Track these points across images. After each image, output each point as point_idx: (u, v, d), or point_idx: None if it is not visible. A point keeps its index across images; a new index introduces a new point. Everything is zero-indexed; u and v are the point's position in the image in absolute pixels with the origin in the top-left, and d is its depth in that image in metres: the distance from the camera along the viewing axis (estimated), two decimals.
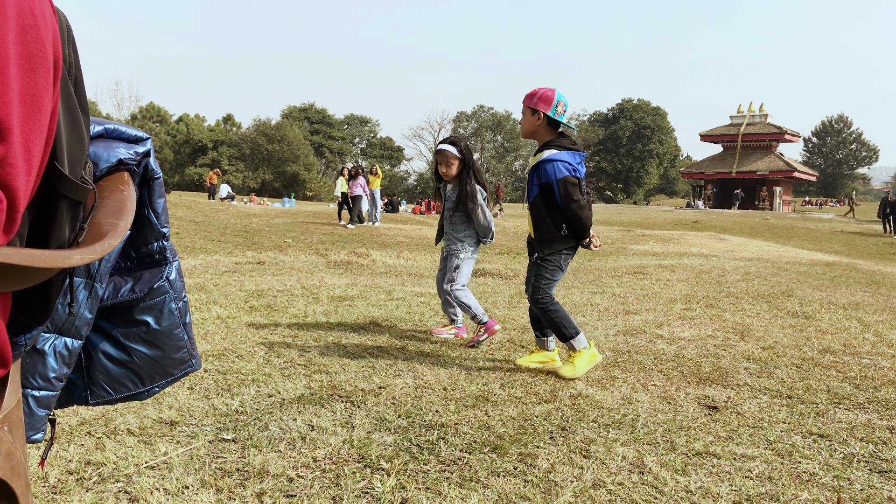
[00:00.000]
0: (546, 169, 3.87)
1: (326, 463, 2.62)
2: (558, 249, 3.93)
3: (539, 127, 3.98)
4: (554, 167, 3.84)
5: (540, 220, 3.93)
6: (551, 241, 3.92)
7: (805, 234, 28.15)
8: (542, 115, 3.94)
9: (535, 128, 4.00)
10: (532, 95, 3.99)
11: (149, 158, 1.19)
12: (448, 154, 4.88)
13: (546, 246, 3.93)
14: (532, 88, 4.04)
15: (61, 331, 1.12)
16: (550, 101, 3.93)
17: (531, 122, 3.99)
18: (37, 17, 0.73)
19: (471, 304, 4.87)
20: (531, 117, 3.99)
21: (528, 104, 4.00)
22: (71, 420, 2.98)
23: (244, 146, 61.65)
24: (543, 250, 3.93)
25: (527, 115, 4.02)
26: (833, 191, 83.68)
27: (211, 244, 13.32)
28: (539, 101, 3.95)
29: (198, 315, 5.54)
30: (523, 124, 4.08)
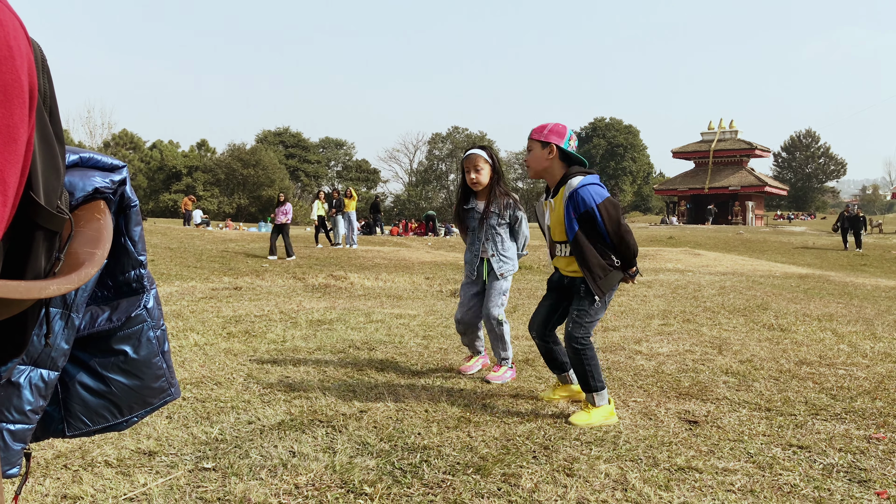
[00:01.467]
0: (582, 196, 3.50)
1: (309, 489, 2.59)
2: (615, 282, 3.57)
3: (551, 161, 3.67)
4: (590, 192, 3.51)
5: (587, 258, 3.51)
6: (607, 277, 3.53)
7: (778, 248, 28.53)
8: (555, 147, 3.65)
9: (547, 163, 3.68)
10: (542, 129, 3.70)
11: (125, 186, 1.19)
12: (477, 158, 4.42)
13: (604, 283, 3.52)
14: (538, 125, 3.76)
15: (37, 362, 1.11)
16: (563, 134, 3.67)
17: (541, 156, 3.67)
18: (12, 48, 0.73)
19: (509, 344, 4.47)
20: (542, 151, 3.67)
21: (537, 138, 3.69)
22: (46, 453, 2.92)
23: (219, 171, 61.36)
24: (602, 289, 3.51)
25: (536, 150, 3.69)
26: (804, 204, 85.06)
27: (187, 270, 13.20)
28: (550, 134, 3.67)
29: (175, 342, 5.47)
30: (533, 162, 3.72)
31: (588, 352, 3.54)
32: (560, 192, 3.64)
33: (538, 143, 3.69)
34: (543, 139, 3.67)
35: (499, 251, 4.47)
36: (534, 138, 3.72)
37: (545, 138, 3.67)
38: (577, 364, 3.56)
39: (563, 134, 3.67)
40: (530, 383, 4.32)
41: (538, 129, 3.73)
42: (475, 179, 4.43)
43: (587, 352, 3.54)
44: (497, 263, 4.46)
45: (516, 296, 9.74)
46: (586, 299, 3.57)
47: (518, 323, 6.97)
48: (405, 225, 39.67)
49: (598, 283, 3.50)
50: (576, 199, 3.53)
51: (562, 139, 3.66)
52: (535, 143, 3.71)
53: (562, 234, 3.65)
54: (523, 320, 7.15)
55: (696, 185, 54.03)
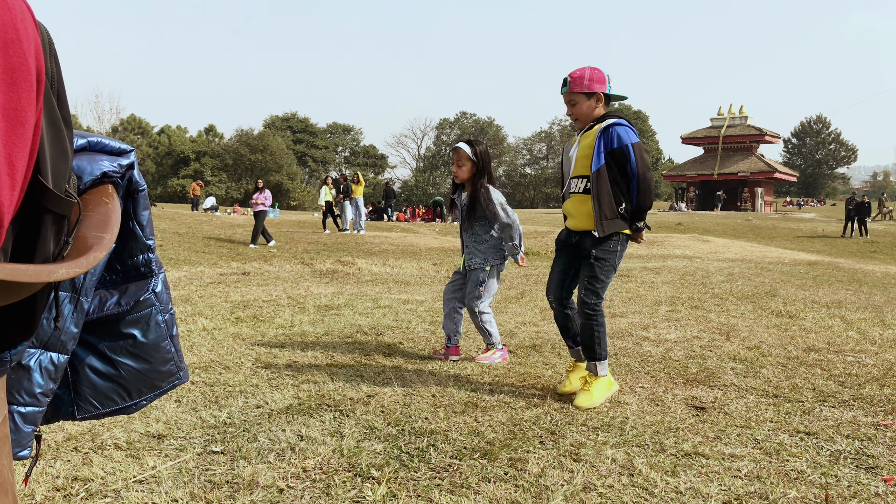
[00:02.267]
0: (619, 133, 3.48)
1: (317, 473, 2.60)
2: (616, 231, 3.54)
3: (598, 110, 3.63)
4: (626, 131, 3.49)
5: (601, 194, 3.50)
6: (611, 220, 3.51)
7: (787, 234, 28.41)
8: (602, 94, 3.60)
9: (597, 111, 3.63)
10: (581, 79, 3.58)
11: (133, 171, 1.19)
12: (461, 153, 4.49)
13: (607, 225, 3.51)
14: (573, 70, 3.63)
15: (47, 346, 1.11)
16: (604, 79, 3.61)
17: (590, 106, 3.61)
18: (19, 31, 0.73)
19: (493, 331, 4.56)
20: (588, 101, 3.60)
21: (580, 90, 3.59)
22: (57, 436, 2.95)
23: (227, 157, 61.41)
24: (604, 228, 3.50)
25: (582, 102, 3.61)
26: (813, 191, 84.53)
27: (195, 255, 13.25)
28: (593, 83, 3.58)
29: (184, 327, 5.50)
30: (580, 112, 3.64)
31: (599, 318, 3.59)
32: (594, 128, 3.59)
33: (583, 95, 3.61)
34: (588, 90, 3.60)
35: (472, 244, 4.54)
36: (577, 91, 3.61)
37: (590, 89, 3.59)
38: (587, 329, 3.60)
39: (604, 79, 3.62)
40: (537, 369, 4.32)
41: (577, 80, 3.60)
42: (455, 173, 4.58)
43: (598, 318, 3.58)
44: (467, 255, 4.58)
45: (523, 282, 9.74)
46: (596, 263, 3.56)
47: (525, 309, 6.98)
48: (413, 211, 39.66)
49: (602, 223, 3.51)
50: (610, 135, 3.50)
51: (604, 84, 3.62)
52: (579, 97, 3.61)
53: (584, 168, 3.61)
54: (530, 306, 7.15)
55: (706, 172, 53.71)
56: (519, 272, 11.18)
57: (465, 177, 4.52)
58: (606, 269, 3.57)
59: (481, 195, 4.44)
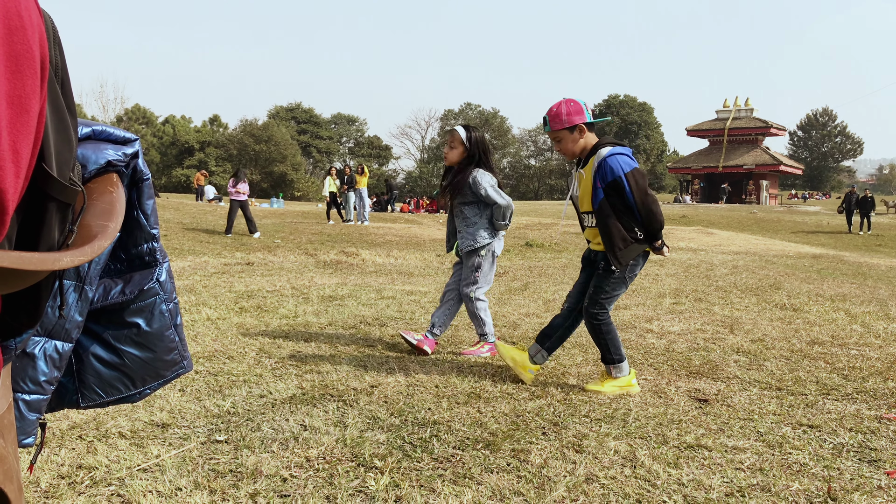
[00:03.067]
0: (611, 165, 3.51)
1: (320, 462, 2.61)
2: (634, 256, 3.57)
3: (585, 139, 3.67)
4: (618, 161, 3.52)
5: (609, 228, 3.52)
6: (627, 249, 3.53)
7: (792, 227, 28.33)
8: (583, 125, 3.63)
9: (581, 143, 3.67)
10: (559, 117, 3.63)
11: (137, 160, 1.18)
12: (455, 135, 4.47)
13: (623, 255, 3.52)
14: (550, 108, 3.67)
15: (51, 334, 1.12)
16: (581, 110, 3.63)
17: (574, 140, 3.65)
18: (23, 18, 0.73)
19: (486, 320, 4.50)
20: (572, 136, 3.65)
21: (560, 126, 3.63)
22: (61, 424, 2.97)
23: (231, 147, 61.38)
24: (620, 261, 3.52)
25: (566, 138, 3.65)
26: (819, 184, 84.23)
27: (199, 246, 13.27)
28: (572, 117, 3.62)
29: (188, 317, 5.52)
30: (566, 149, 3.69)
31: (603, 327, 3.63)
32: (590, 162, 3.62)
33: (565, 131, 3.65)
34: (569, 125, 3.63)
35: (462, 227, 4.50)
36: (559, 129, 3.65)
37: (570, 123, 3.63)
38: (595, 337, 3.68)
39: (581, 110, 3.64)
40: None
41: (555, 118, 3.64)
42: (445, 154, 4.55)
43: (602, 327, 3.64)
44: (459, 239, 4.53)
45: (526, 273, 9.74)
46: (604, 276, 3.60)
47: (529, 301, 6.98)
48: (416, 202, 39.62)
49: (616, 254, 3.52)
50: (604, 169, 3.53)
51: (583, 115, 3.64)
52: (562, 133, 3.66)
53: (589, 204, 3.65)
54: (534, 298, 7.16)
55: (710, 164, 53.55)
56: (523, 264, 11.18)
57: (454, 159, 4.49)
58: (614, 282, 3.60)
59: (468, 179, 4.38)
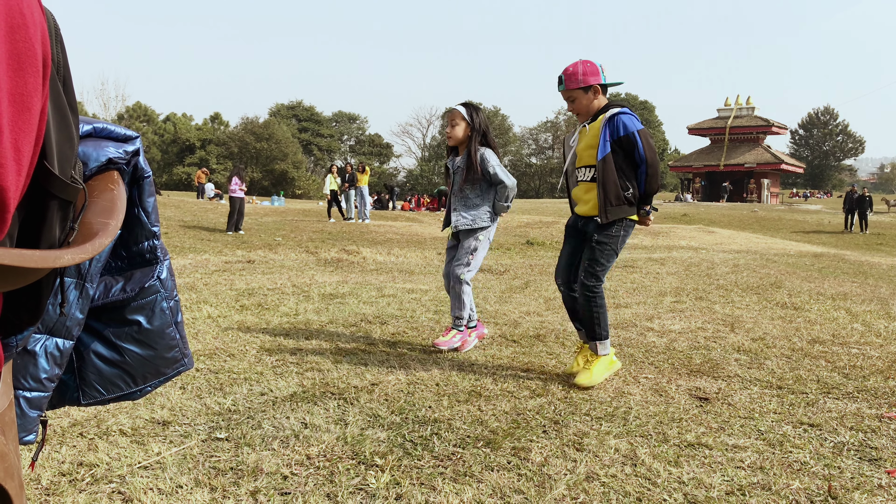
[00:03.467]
0: (624, 122, 3.55)
1: (320, 460, 2.62)
2: (621, 217, 3.62)
3: (598, 99, 3.70)
4: (632, 119, 3.57)
5: (607, 181, 3.57)
6: (617, 207, 3.59)
7: (793, 226, 28.32)
8: (598, 86, 3.67)
9: (596, 103, 3.70)
10: (575, 75, 3.66)
11: (138, 157, 1.19)
12: (455, 113, 4.42)
13: (612, 212, 3.59)
14: (566, 67, 3.70)
15: (52, 331, 1.12)
16: (597, 70, 3.67)
17: (588, 99, 3.69)
18: (25, 16, 0.73)
19: (468, 305, 4.48)
20: (587, 95, 3.68)
21: (576, 86, 3.66)
22: (62, 421, 2.97)
23: (232, 145, 61.36)
24: (608, 215, 3.58)
25: (580, 97, 3.69)
26: (820, 182, 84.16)
27: (200, 243, 13.27)
28: (587, 77, 3.65)
29: (188, 315, 5.52)
30: (580, 108, 3.72)
31: (598, 300, 3.67)
32: (599, 119, 3.65)
33: (580, 90, 3.68)
34: (584, 85, 3.66)
35: (461, 206, 4.46)
36: (574, 88, 3.68)
37: (585, 83, 3.66)
38: (586, 310, 3.69)
39: (597, 71, 3.68)
40: (541, 359, 4.33)
41: (571, 77, 3.67)
42: (449, 133, 4.46)
43: (597, 300, 3.67)
44: (456, 217, 4.46)
45: (527, 272, 9.74)
46: (597, 247, 3.64)
47: (529, 299, 6.98)
48: (417, 200, 39.60)
49: (606, 209, 3.59)
50: (616, 124, 3.57)
51: (598, 76, 3.68)
52: (577, 93, 3.70)
53: (590, 158, 3.68)
54: (535, 297, 7.16)
55: (712, 162, 53.53)
56: (524, 262, 11.18)
57: (460, 136, 4.41)
58: (607, 252, 3.65)
59: (477, 157, 4.34)
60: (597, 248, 3.64)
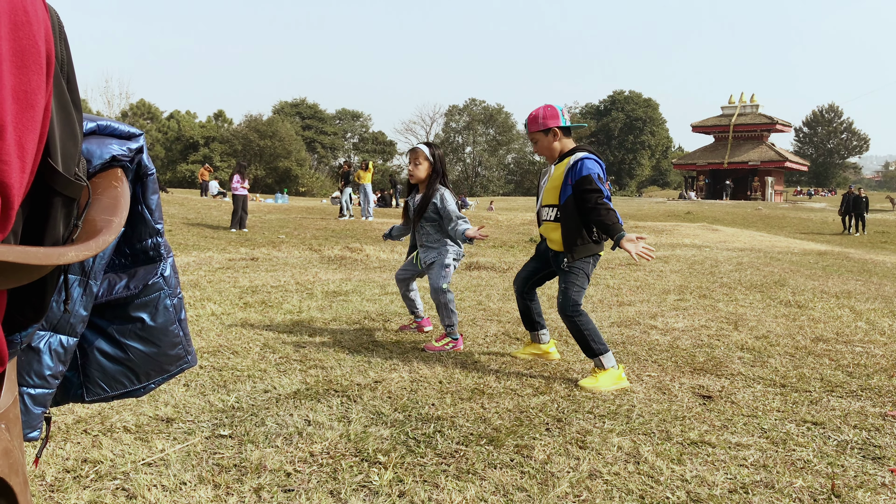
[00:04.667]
0: (586, 165, 3.70)
1: (324, 457, 2.62)
2: (587, 255, 3.76)
3: (559, 141, 3.87)
4: (593, 164, 3.71)
5: (569, 225, 3.73)
6: (583, 247, 3.73)
7: (797, 224, 28.26)
8: (557, 129, 3.85)
9: (556, 145, 3.88)
10: (535, 119, 3.88)
11: (142, 155, 1.19)
12: (419, 152, 4.63)
13: (578, 251, 3.72)
14: (529, 115, 3.93)
15: (56, 328, 1.12)
16: (556, 114, 3.85)
17: (549, 142, 3.87)
18: (29, 14, 0.73)
19: (455, 313, 4.56)
20: (547, 138, 3.87)
21: (536, 129, 3.88)
22: (67, 418, 2.98)
23: (236, 142, 61.38)
24: (573, 254, 3.72)
25: (542, 140, 3.89)
26: (824, 180, 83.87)
27: (204, 241, 13.29)
28: (547, 120, 3.85)
29: (192, 312, 5.53)
30: (542, 149, 3.92)
31: (581, 318, 3.72)
32: (565, 161, 3.82)
33: (541, 133, 3.89)
34: (544, 128, 3.87)
35: (425, 242, 4.69)
36: (534, 131, 3.90)
37: (545, 127, 3.87)
38: (575, 332, 3.75)
39: (556, 114, 3.87)
40: None
41: (531, 121, 3.90)
42: (411, 172, 4.69)
43: (581, 318, 3.72)
44: (422, 252, 4.73)
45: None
46: (569, 273, 3.78)
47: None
48: None
49: (572, 250, 3.73)
50: (577, 168, 3.73)
51: (558, 119, 3.87)
52: (538, 135, 3.93)
53: (554, 198, 3.85)
54: None
55: (716, 160, 53.40)
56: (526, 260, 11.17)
57: (422, 176, 4.64)
58: (580, 277, 3.79)
59: (436, 196, 4.55)
60: (570, 274, 3.77)
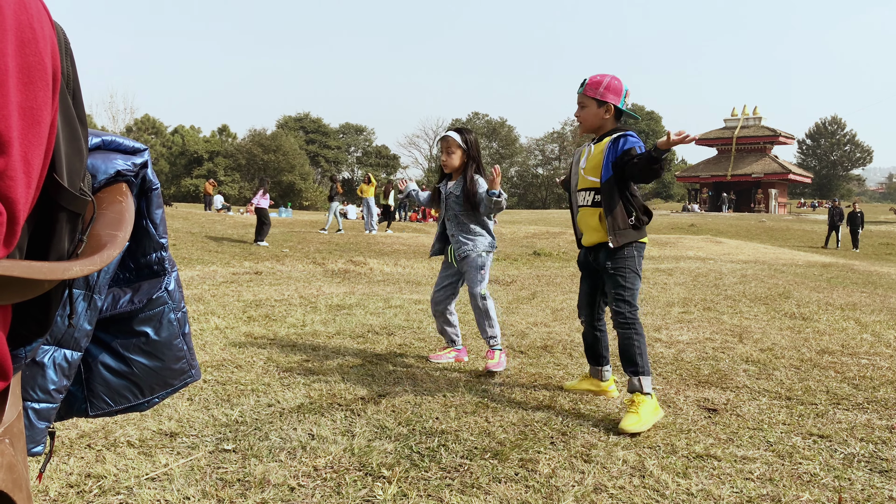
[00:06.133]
0: (629, 140, 3.40)
1: (327, 472, 2.61)
2: (631, 241, 3.41)
3: (606, 120, 3.53)
4: (638, 141, 3.40)
5: (612, 205, 3.40)
6: (624, 230, 3.40)
7: (801, 236, 28.20)
8: (612, 106, 3.50)
9: (601, 121, 3.53)
10: (597, 84, 3.50)
11: (146, 169, 1.19)
12: (451, 141, 4.35)
13: (622, 235, 3.39)
14: (593, 76, 3.55)
15: (61, 343, 1.12)
16: (620, 91, 3.51)
17: (597, 114, 3.52)
18: (35, 30, 0.74)
19: (496, 317, 4.33)
20: (598, 109, 3.51)
21: (592, 94, 3.50)
22: (70, 433, 2.97)
23: (240, 157, 61.63)
24: (617, 237, 3.39)
25: (591, 108, 3.52)
26: (828, 192, 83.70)
27: (208, 255, 13.31)
28: (607, 92, 3.49)
29: (196, 326, 5.53)
30: (586, 117, 3.56)
31: (637, 326, 3.37)
32: (605, 140, 3.50)
33: (594, 100, 3.51)
34: (600, 97, 3.49)
35: (460, 233, 4.35)
36: (589, 95, 3.52)
37: (602, 97, 3.49)
38: (625, 339, 3.37)
39: (620, 92, 3.52)
40: (548, 370, 4.32)
41: (594, 83, 3.52)
42: (445, 161, 4.40)
43: (636, 326, 3.37)
44: (455, 246, 4.37)
45: (534, 283, 9.72)
46: (616, 273, 3.41)
47: (537, 310, 6.97)
48: (424, 211, 39.61)
49: (616, 233, 3.39)
50: (619, 144, 3.41)
51: (619, 98, 3.52)
52: (590, 101, 3.52)
53: (592, 180, 3.52)
54: (542, 307, 7.14)
55: (719, 172, 53.39)
56: (531, 273, 11.16)
57: (456, 164, 4.36)
58: (629, 275, 3.41)
59: (476, 188, 4.28)
60: (616, 275, 3.42)
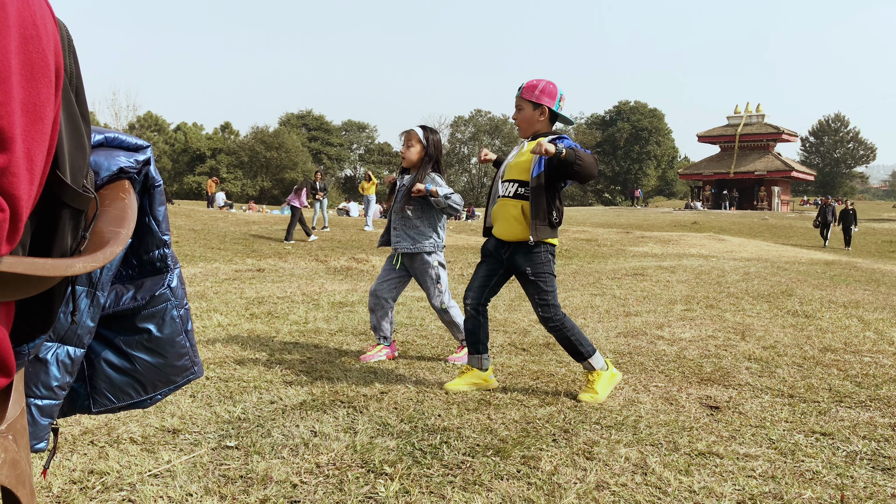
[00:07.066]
0: (565, 141, 3.47)
1: (330, 468, 2.61)
2: (546, 239, 3.55)
3: (540, 123, 3.64)
4: (568, 141, 3.49)
5: (538, 200, 3.51)
6: (543, 227, 3.52)
7: (804, 234, 28.16)
8: (547, 109, 3.62)
9: (538, 124, 3.64)
10: (533, 87, 3.61)
11: (149, 166, 1.20)
12: (412, 134, 4.38)
13: (541, 231, 3.51)
14: (530, 80, 3.67)
15: (63, 339, 1.13)
16: (554, 95, 3.62)
17: (532, 116, 3.63)
18: (38, 28, 0.74)
19: (461, 323, 4.32)
20: (533, 112, 3.62)
21: (528, 97, 3.62)
22: (73, 429, 2.98)
23: (242, 154, 61.70)
24: (538, 234, 3.50)
25: (527, 110, 3.63)
26: (831, 190, 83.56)
27: (210, 252, 13.32)
28: (542, 95, 3.60)
29: (199, 323, 5.54)
30: (522, 120, 3.67)
31: (566, 323, 3.57)
32: (539, 139, 3.54)
33: (529, 103, 3.63)
34: (535, 100, 3.62)
35: (402, 227, 4.37)
36: (525, 98, 3.63)
37: (537, 99, 3.62)
38: (563, 340, 3.59)
39: (555, 95, 3.63)
40: (550, 367, 4.32)
41: (530, 87, 3.63)
42: (403, 154, 4.43)
43: (566, 323, 3.57)
44: (394, 238, 4.39)
45: None
46: (537, 279, 3.56)
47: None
48: None
49: (537, 228, 3.50)
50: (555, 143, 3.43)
51: (553, 101, 3.63)
52: (526, 103, 3.64)
53: (520, 173, 3.61)
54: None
55: (722, 170, 53.36)
56: None
57: (413, 159, 4.38)
58: (549, 279, 3.59)
59: (427, 181, 4.30)
60: (538, 281, 3.57)
